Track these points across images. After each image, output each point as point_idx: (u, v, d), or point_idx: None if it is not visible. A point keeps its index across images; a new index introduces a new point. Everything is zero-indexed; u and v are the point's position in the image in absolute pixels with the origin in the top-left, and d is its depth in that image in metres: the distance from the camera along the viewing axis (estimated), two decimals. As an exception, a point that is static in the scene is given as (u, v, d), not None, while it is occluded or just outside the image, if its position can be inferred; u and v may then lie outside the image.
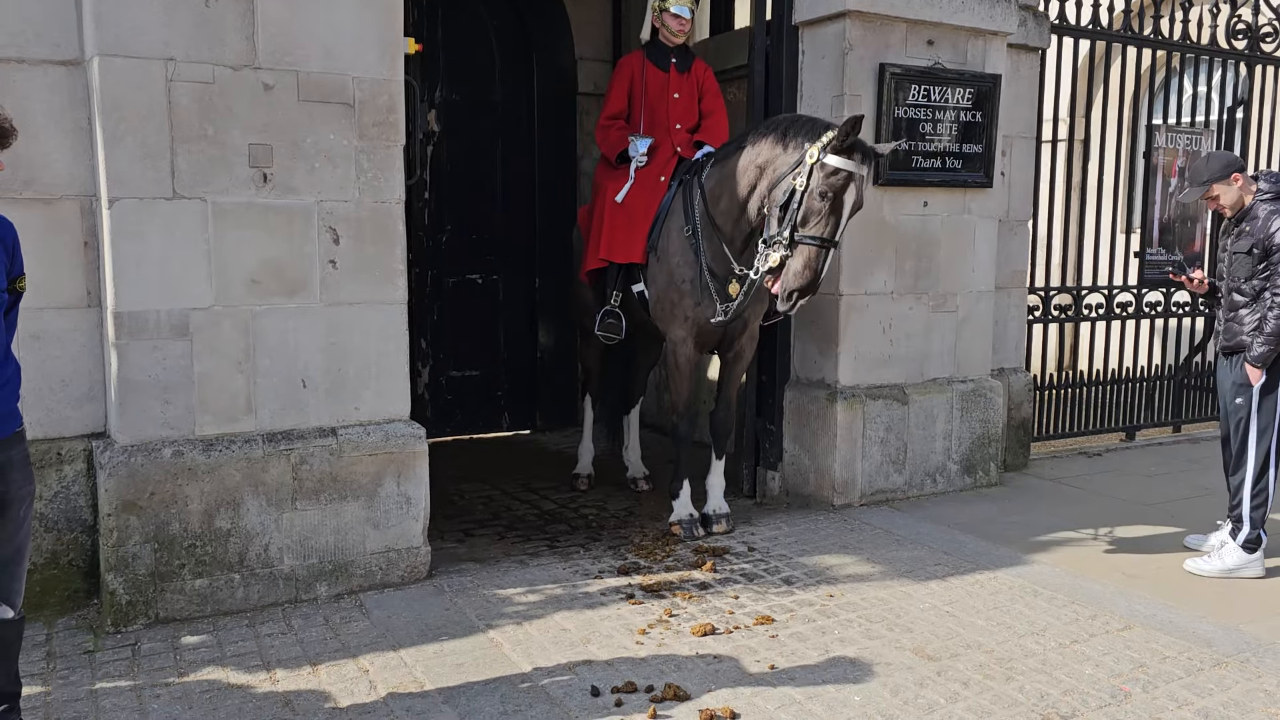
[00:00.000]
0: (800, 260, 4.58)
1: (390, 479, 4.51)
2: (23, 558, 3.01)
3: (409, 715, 3.39)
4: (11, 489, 2.90)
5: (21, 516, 2.94)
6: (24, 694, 3.33)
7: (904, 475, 6.04)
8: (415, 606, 4.33)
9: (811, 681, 3.67)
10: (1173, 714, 3.47)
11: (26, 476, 2.97)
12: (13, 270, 2.99)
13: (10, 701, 3.09)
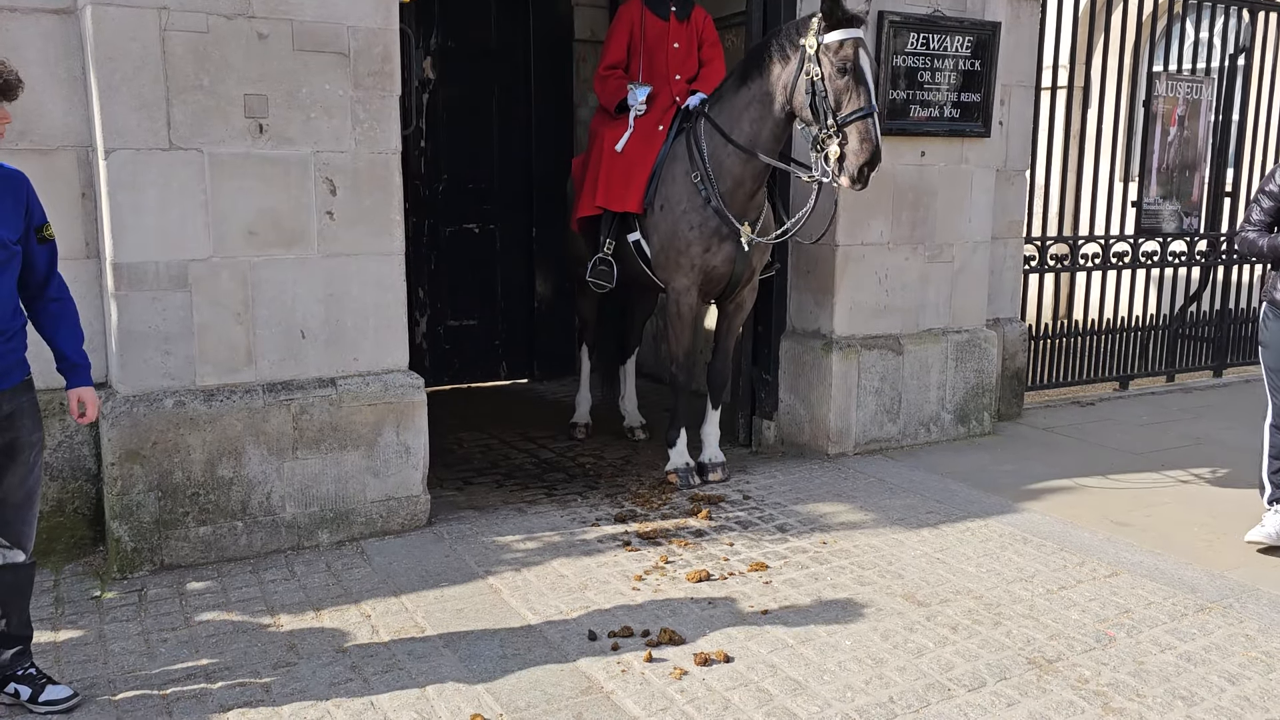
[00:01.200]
0: (855, 137, 4.60)
1: (389, 428, 4.56)
2: (33, 503, 3.09)
3: (410, 659, 3.47)
4: (21, 435, 2.98)
5: (31, 462, 3.02)
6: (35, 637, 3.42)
7: (898, 425, 6.10)
8: (415, 553, 4.41)
9: (804, 626, 3.75)
10: (1155, 658, 3.56)
11: (35, 423, 3.04)
12: (34, 219, 3.03)
13: (22, 644, 3.17)
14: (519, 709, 3.16)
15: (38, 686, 3.12)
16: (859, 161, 4.61)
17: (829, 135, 4.66)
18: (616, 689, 3.29)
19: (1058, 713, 3.18)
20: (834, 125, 4.63)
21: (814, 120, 4.72)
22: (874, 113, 4.62)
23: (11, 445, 2.97)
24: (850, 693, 3.28)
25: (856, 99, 4.60)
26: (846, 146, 4.62)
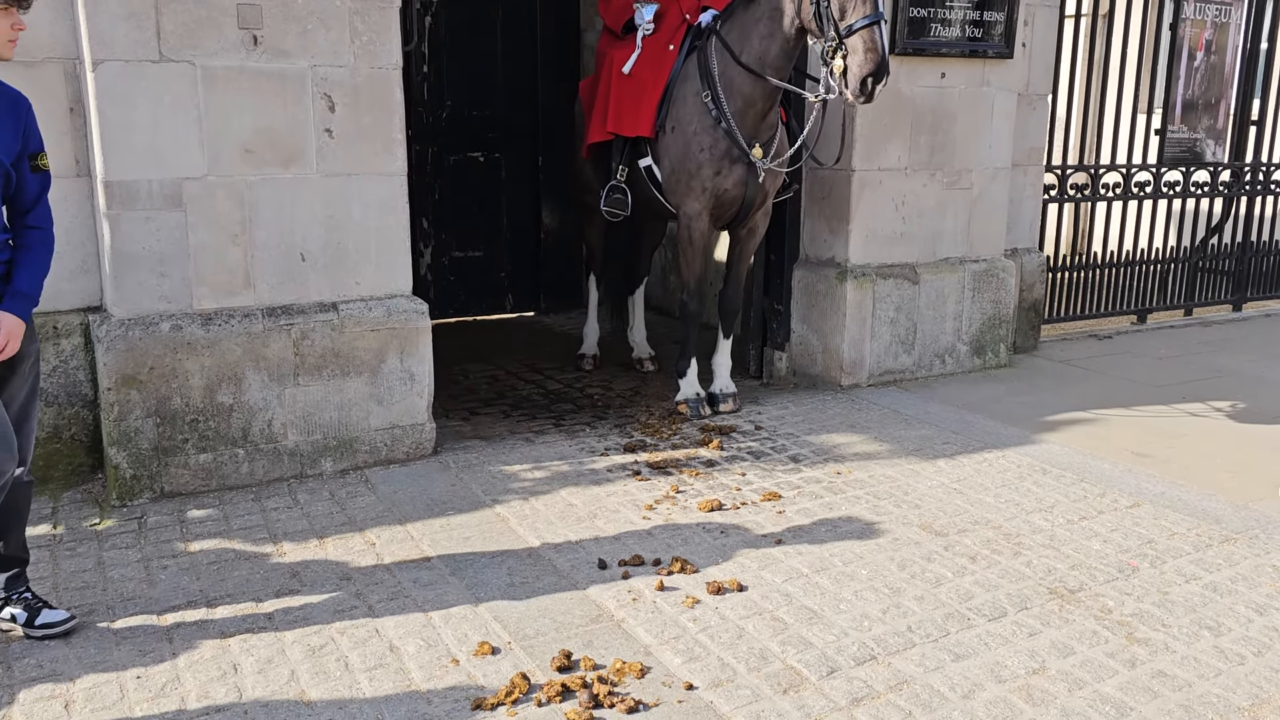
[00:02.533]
0: (860, 47, 4.38)
1: (393, 355, 4.44)
2: (32, 416, 3.03)
3: (416, 586, 3.39)
4: (23, 345, 2.92)
5: (28, 373, 2.97)
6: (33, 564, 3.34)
7: (913, 356, 5.97)
8: (421, 482, 4.32)
9: (818, 556, 3.66)
10: (1180, 588, 3.46)
11: (31, 334, 2.98)
12: (30, 145, 2.91)
13: (19, 567, 3.09)
14: (527, 636, 3.08)
15: (33, 610, 3.05)
16: (862, 73, 4.41)
17: (834, 47, 4.46)
18: (627, 617, 3.21)
19: (1081, 642, 3.09)
20: (837, 36, 4.43)
21: (819, 33, 4.52)
22: (880, 20, 4.39)
23: (11, 358, 2.91)
24: (867, 622, 3.20)
25: (861, 6, 4.38)
26: (850, 58, 4.42)
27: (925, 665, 2.95)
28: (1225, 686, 2.86)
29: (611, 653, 2.99)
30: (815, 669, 2.92)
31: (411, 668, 2.90)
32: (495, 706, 2.71)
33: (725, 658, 2.97)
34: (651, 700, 2.75)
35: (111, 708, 2.69)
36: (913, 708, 2.74)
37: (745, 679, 2.86)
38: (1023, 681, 2.87)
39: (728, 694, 2.78)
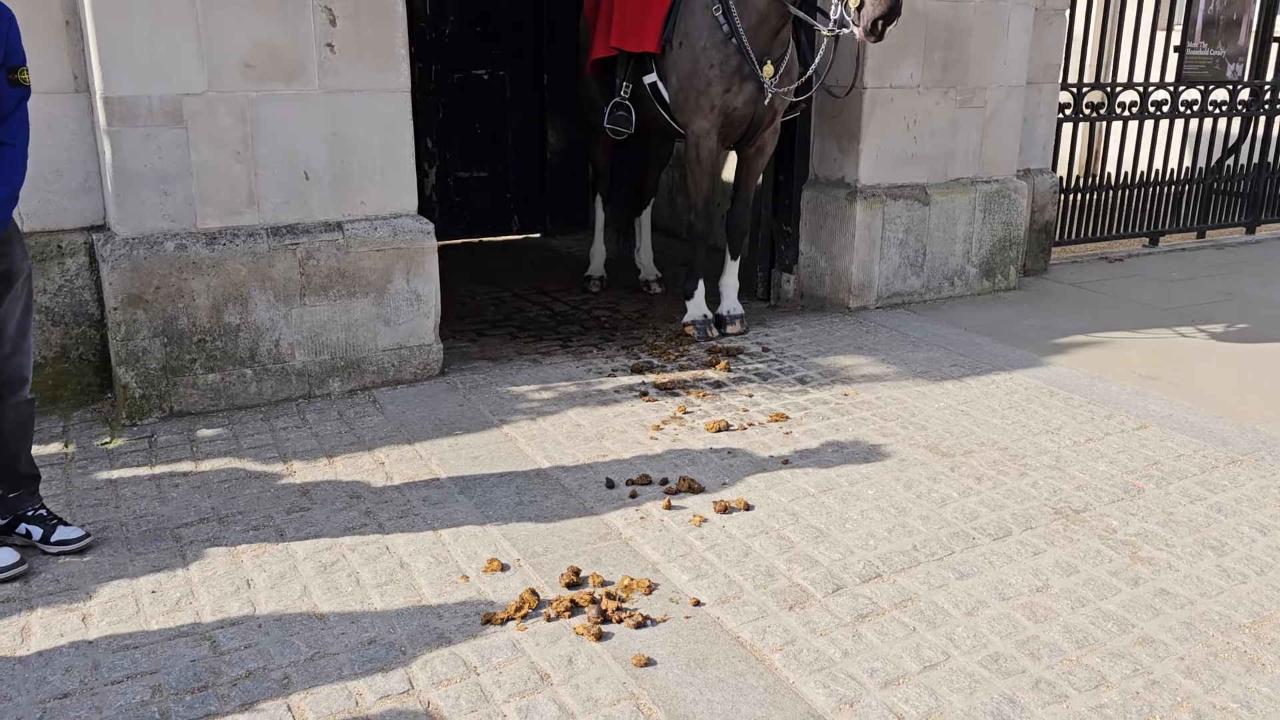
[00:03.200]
0: None
1: (399, 275, 4.41)
2: (28, 335, 3.03)
3: (425, 505, 3.42)
4: (15, 263, 2.92)
5: (21, 291, 2.96)
6: (45, 482, 3.37)
7: (921, 278, 5.93)
8: (429, 402, 4.33)
9: (825, 476, 3.68)
10: (1185, 508, 3.48)
11: (23, 252, 2.96)
12: (10, 59, 2.82)
13: (31, 485, 3.12)
14: (536, 554, 3.11)
15: (49, 527, 3.09)
16: (875, 13, 4.29)
17: None
18: (635, 535, 3.23)
19: (1085, 561, 3.11)
20: None
21: None
22: None
23: (6, 274, 2.90)
24: (873, 540, 3.22)
25: None
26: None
27: (930, 583, 2.98)
28: (1227, 604, 2.89)
29: (619, 570, 3.02)
30: (821, 586, 2.95)
31: (422, 583, 2.94)
32: (505, 621, 2.75)
33: (732, 575, 3.00)
34: (659, 616, 2.78)
35: (128, 621, 2.73)
36: (917, 624, 2.77)
37: (752, 595, 2.89)
38: (1026, 599, 2.90)
39: (734, 610, 2.82)
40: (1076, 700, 2.46)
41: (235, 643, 2.64)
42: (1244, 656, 2.65)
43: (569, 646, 2.64)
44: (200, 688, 2.46)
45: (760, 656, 2.62)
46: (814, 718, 2.39)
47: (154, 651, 2.60)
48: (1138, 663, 2.62)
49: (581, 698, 2.44)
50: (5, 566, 2.92)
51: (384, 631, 2.70)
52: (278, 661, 2.57)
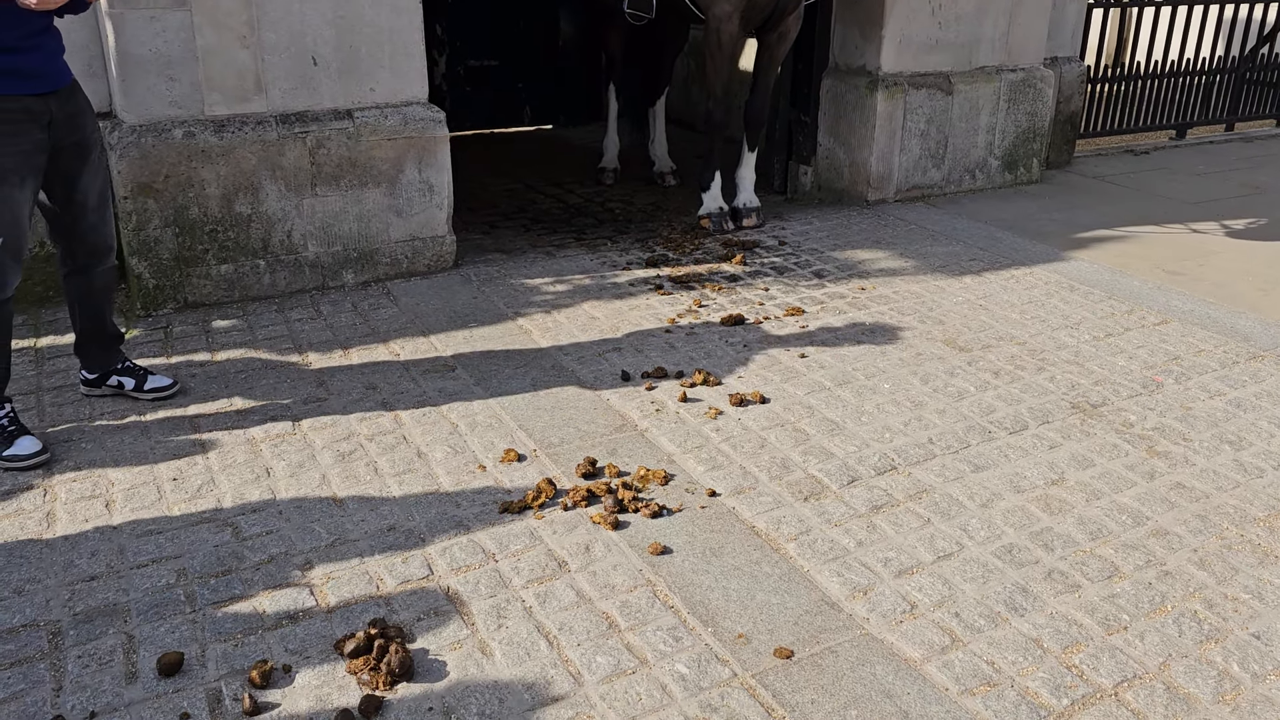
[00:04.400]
0: None
1: (411, 165, 4.34)
2: (109, 204, 3.18)
3: (441, 396, 3.43)
4: (90, 134, 3.03)
5: (98, 163, 3.08)
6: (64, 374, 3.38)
7: (942, 171, 5.82)
8: (443, 294, 4.31)
9: (841, 370, 3.66)
10: (1204, 403, 3.46)
11: (95, 122, 3.07)
12: None
13: (117, 343, 3.37)
14: (552, 444, 3.13)
15: (139, 377, 3.34)
16: None
17: None
18: (650, 427, 3.24)
19: (1100, 455, 3.11)
20: None
21: None
22: None
23: (80, 145, 2.99)
24: (889, 434, 3.22)
25: None
26: None
27: (945, 475, 2.99)
28: (1242, 498, 2.90)
29: (635, 461, 3.04)
30: (836, 478, 2.96)
31: (439, 473, 2.96)
32: (522, 510, 2.77)
33: (747, 466, 3.01)
34: (675, 506, 2.81)
35: (150, 507, 2.77)
36: (931, 515, 2.79)
37: (767, 487, 2.91)
38: (1041, 492, 2.91)
39: (750, 501, 2.84)
40: (1089, 590, 2.49)
41: (256, 529, 2.68)
42: (1257, 549, 2.66)
43: (586, 535, 2.67)
44: (224, 572, 2.51)
45: (775, 546, 2.64)
46: (828, 605, 2.42)
47: (177, 537, 2.64)
48: (1151, 554, 2.63)
49: (599, 584, 2.48)
50: (31, 454, 2.95)
51: (403, 519, 2.73)
52: (299, 547, 2.60)
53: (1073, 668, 2.23)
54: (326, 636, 2.29)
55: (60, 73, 2.92)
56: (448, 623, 2.33)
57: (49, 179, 2.96)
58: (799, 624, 2.35)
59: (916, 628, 2.34)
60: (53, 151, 2.91)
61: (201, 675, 2.17)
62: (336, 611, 2.37)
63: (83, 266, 3.16)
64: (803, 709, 2.10)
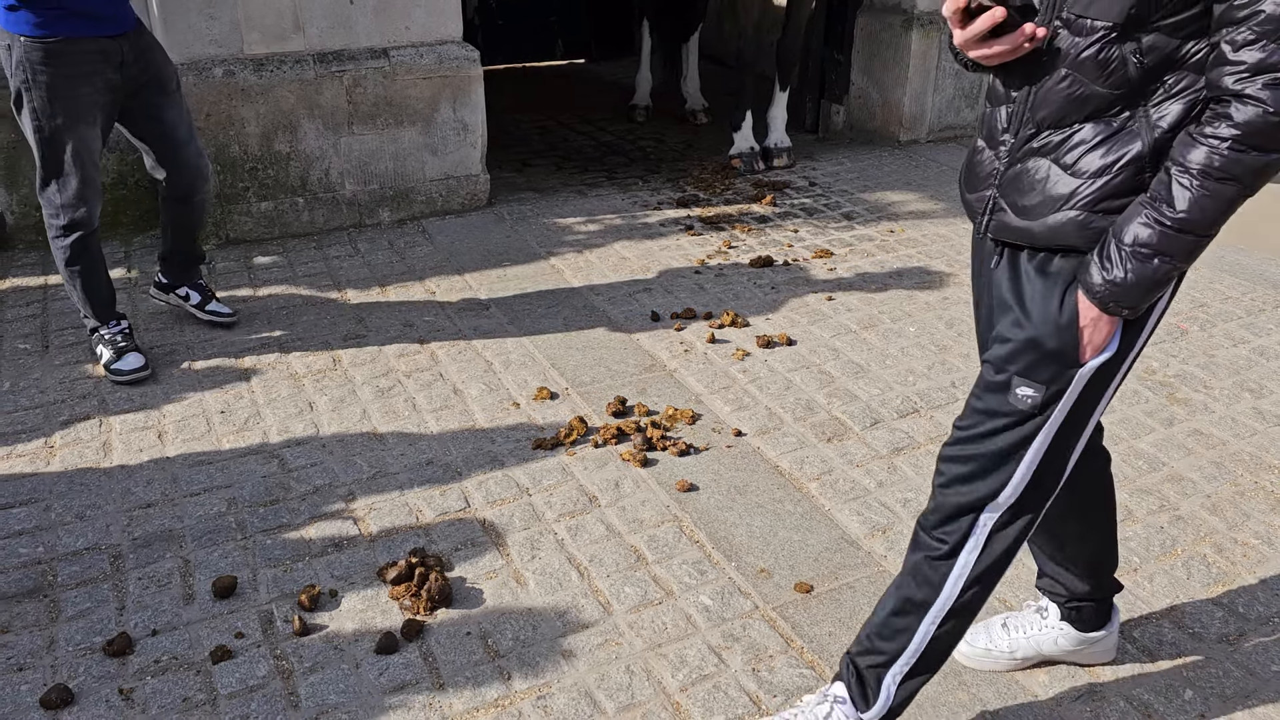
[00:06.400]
0: None
1: (446, 104, 4.39)
2: (195, 133, 3.29)
3: (476, 334, 3.52)
4: (165, 69, 3.15)
5: (177, 92, 3.20)
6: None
7: (976, 110, 5.77)
8: (476, 233, 4.38)
9: (867, 313, 3.72)
10: (1226, 351, 3.50)
11: (165, 56, 3.18)
12: None
13: (199, 261, 3.55)
14: (584, 383, 3.22)
15: (206, 296, 3.53)
16: None
17: None
18: (679, 367, 3.33)
19: (1121, 401, 3.17)
20: None
21: None
22: None
23: (158, 80, 3.11)
24: (912, 377, 3.29)
25: None
26: None
27: (966, 419, 3.06)
28: (1259, 445, 2.95)
29: (664, 400, 3.13)
30: (859, 420, 3.04)
31: (475, 409, 3.07)
32: (554, 446, 2.88)
33: (773, 407, 3.10)
34: (701, 444, 2.90)
35: (200, 439, 2.90)
36: (951, 458, 2.87)
37: (791, 428, 3.00)
38: (1060, 436, 2.98)
39: (774, 441, 2.93)
40: (1101, 533, 2.57)
41: (301, 461, 2.81)
42: (1270, 495, 2.73)
43: (615, 471, 2.77)
44: (271, 501, 2.64)
45: (798, 485, 2.74)
46: (847, 542, 2.52)
47: (227, 467, 2.77)
48: (1164, 499, 2.71)
49: (628, 519, 2.59)
50: (134, 369, 3.16)
51: (440, 454, 2.85)
52: (342, 479, 2.73)
53: (1082, 606, 2.32)
54: (370, 564, 2.42)
55: (129, 15, 3.04)
56: (484, 553, 2.46)
57: (135, 117, 3.12)
58: (819, 560, 2.45)
59: (932, 566, 2.44)
60: (132, 90, 3.06)
61: (254, 598, 2.31)
62: (379, 540, 2.50)
63: (183, 194, 3.32)
64: (820, 640, 2.21)
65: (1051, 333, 1.57)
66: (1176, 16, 1.41)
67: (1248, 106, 1.36)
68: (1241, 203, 1.45)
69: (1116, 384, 1.67)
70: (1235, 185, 1.41)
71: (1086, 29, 1.46)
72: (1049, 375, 1.59)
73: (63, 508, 2.60)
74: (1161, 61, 1.45)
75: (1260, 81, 1.35)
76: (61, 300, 3.69)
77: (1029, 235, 1.59)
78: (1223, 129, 1.38)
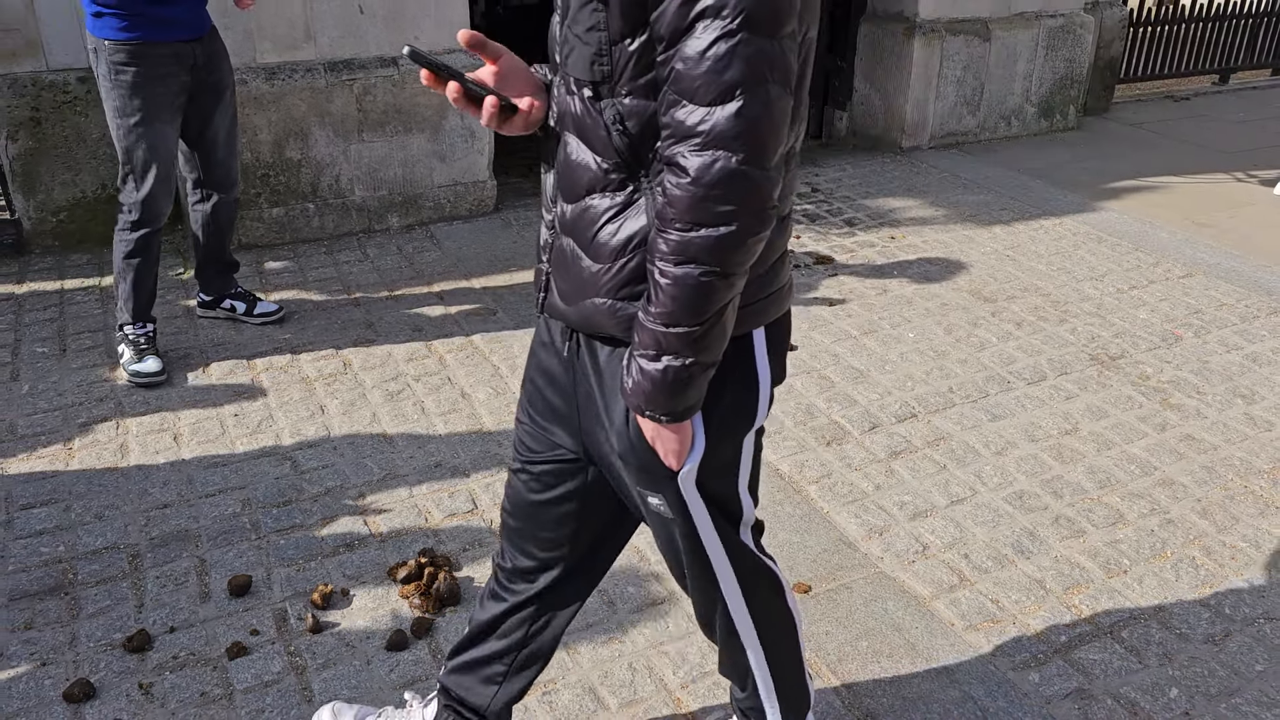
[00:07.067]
0: None
1: (454, 112, 4.46)
2: (236, 141, 3.45)
3: (484, 339, 3.59)
4: (225, 76, 3.30)
5: (230, 103, 3.35)
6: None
7: (977, 117, 5.84)
8: (484, 238, 4.46)
9: (868, 319, 3.79)
10: (1220, 357, 3.56)
11: (229, 66, 3.33)
12: None
13: (233, 270, 3.67)
14: (589, 387, 3.29)
15: (250, 302, 3.65)
16: None
17: None
18: (682, 372, 3.39)
19: (1115, 406, 3.23)
20: None
21: None
22: None
23: (216, 86, 3.26)
24: (910, 382, 3.36)
25: None
26: None
27: (963, 424, 3.13)
28: (1249, 450, 3.02)
29: (667, 404, 3.19)
30: (858, 424, 3.11)
31: (482, 413, 3.14)
32: (560, 449, 2.94)
33: (774, 411, 3.17)
34: (704, 448, 2.97)
35: (215, 441, 2.98)
36: (947, 461, 2.94)
37: (792, 432, 3.07)
38: (1054, 441, 3.05)
39: (775, 444, 3.00)
40: (1093, 535, 2.63)
41: (313, 463, 2.88)
42: (1259, 499, 2.79)
43: (619, 474, 2.84)
44: (285, 502, 2.71)
45: (797, 488, 2.81)
46: (845, 544, 2.59)
47: (241, 469, 2.85)
48: (1155, 503, 2.77)
49: (631, 520, 2.65)
50: (151, 372, 3.26)
51: (449, 456, 2.92)
52: (353, 481, 2.80)
53: (1073, 607, 2.39)
54: (380, 564, 2.49)
55: (205, 20, 3.19)
56: (491, 553, 2.53)
57: (186, 116, 3.25)
58: (817, 561, 2.52)
59: (927, 567, 2.51)
60: (194, 93, 3.21)
61: (268, 596, 2.38)
62: (389, 541, 2.57)
63: (209, 198, 3.44)
64: (817, 639, 2.28)
65: (629, 449, 1.40)
66: (643, 77, 1.23)
67: (674, 177, 1.18)
68: (731, 285, 1.23)
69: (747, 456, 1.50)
70: (700, 268, 1.19)
71: (574, 89, 1.31)
72: (658, 486, 1.43)
73: (82, 508, 2.67)
74: (645, 127, 1.25)
75: (684, 148, 1.17)
76: (79, 304, 3.77)
77: (570, 320, 1.42)
78: (665, 208, 1.20)
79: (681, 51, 1.14)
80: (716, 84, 1.13)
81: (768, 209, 1.19)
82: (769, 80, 1.14)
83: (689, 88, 1.15)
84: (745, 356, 1.40)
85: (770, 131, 1.16)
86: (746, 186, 1.16)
